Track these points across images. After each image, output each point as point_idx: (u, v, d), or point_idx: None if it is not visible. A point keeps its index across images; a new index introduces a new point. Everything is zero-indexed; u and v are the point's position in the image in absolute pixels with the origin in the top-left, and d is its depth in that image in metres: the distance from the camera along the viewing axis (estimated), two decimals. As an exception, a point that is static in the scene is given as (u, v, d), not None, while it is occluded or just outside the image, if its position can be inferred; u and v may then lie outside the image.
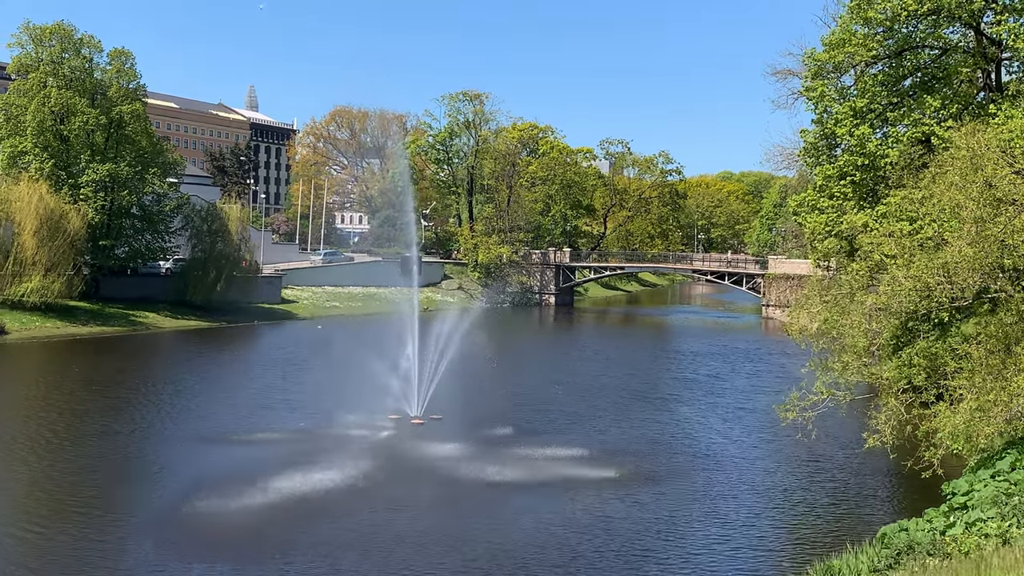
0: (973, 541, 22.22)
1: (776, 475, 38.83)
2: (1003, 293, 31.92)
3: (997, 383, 28.41)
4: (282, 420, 47.03)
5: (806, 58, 50.01)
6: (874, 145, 45.39)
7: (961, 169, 31.42)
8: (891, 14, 43.87)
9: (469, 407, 49.39)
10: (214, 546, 28.32)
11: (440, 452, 40.28)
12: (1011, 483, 26.27)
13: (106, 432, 43.02)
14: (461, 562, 27.23)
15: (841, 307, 38.70)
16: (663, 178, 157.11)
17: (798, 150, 61.95)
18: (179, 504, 31.98)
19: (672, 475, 38.03)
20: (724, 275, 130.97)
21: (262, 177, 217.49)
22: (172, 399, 52.21)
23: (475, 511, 32.52)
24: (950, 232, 32.41)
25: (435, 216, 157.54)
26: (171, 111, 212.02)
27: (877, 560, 23.30)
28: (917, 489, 33.79)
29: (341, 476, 35.87)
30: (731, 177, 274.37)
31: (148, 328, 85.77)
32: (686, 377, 66.69)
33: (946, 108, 44.73)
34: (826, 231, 47.81)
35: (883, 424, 32.29)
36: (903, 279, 31.97)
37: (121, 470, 37.40)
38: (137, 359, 69.75)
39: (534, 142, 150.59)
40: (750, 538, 30.61)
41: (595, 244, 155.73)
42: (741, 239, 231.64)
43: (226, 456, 39.42)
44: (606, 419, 49.13)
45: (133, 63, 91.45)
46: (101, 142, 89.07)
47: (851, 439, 38.65)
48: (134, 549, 27.74)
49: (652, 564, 27.74)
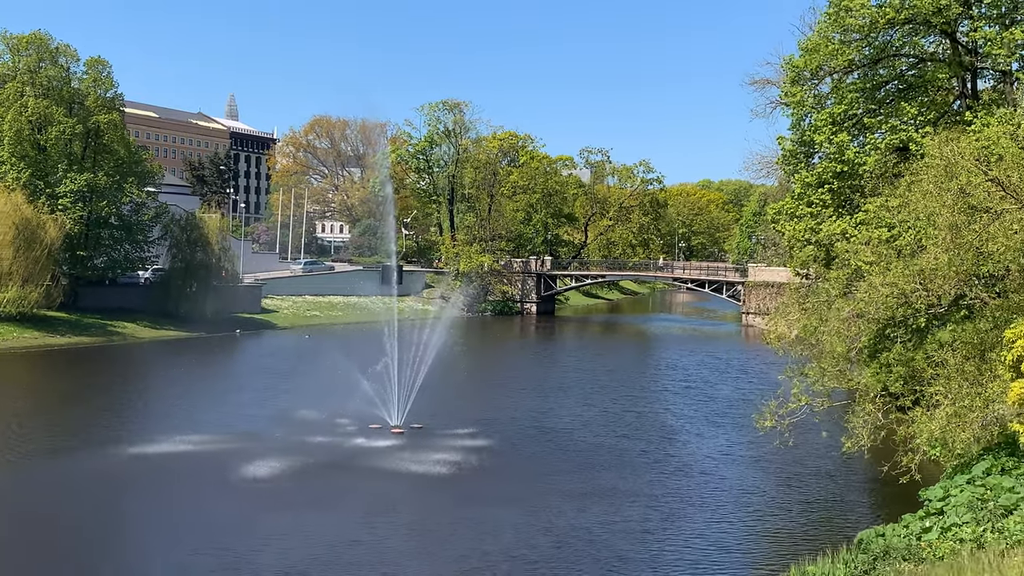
0: (948, 546, 22.32)
1: (754, 481, 38.87)
2: (978, 300, 32.16)
3: (973, 389, 28.59)
4: (256, 429, 46.59)
5: (784, 64, 50.31)
6: (852, 153, 45.65)
7: (936, 177, 31.64)
8: (868, 21, 44.15)
9: (449, 416, 49.37)
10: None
11: (419, 461, 40.16)
12: (986, 488, 26.40)
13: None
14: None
15: (819, 314, 38.94)
16: (644, 187, 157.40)
17: (777, 158, 62.27)
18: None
19: (650, 483, 38.00)
20: (704, 283, 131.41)
21: (242, 186, 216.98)
22: (140, 411, 51.56)
23: (453, 522, 32.38)
24: (927, 239, 32.62)
25: (416, 225, 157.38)
26: (150, 120, 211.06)
27: (854, 565, 23.36)
28: (895, 494, 33.92)
29: (317, 486, 35.72)
30: (711, 185, 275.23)
31: (126, 339, 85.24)
32: (665, 386, 66.77)
33: (923, 115, 45.06)
34: (805, 239, 47.99)
35: (860, 430, 32.46)
36: (880, 286, 32.17)
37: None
38: (110, 371, 69.24)
39: (514, 151, 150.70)
40: (728, 545, 30.63)
41: (576, 253, 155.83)
42: (721, 247, 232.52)
43: (184, 478, 38.26)
44: (584, 427, 49.08)
45: (110, 72, 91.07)
46: (79, 152, 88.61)
47: (829, 445, 38.75)
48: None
49: (628, 571, 27.73)
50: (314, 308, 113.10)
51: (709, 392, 62.65)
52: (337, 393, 49.40)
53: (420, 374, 48.73)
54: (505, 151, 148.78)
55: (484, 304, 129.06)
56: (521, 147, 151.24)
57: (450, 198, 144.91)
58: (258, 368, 73.14)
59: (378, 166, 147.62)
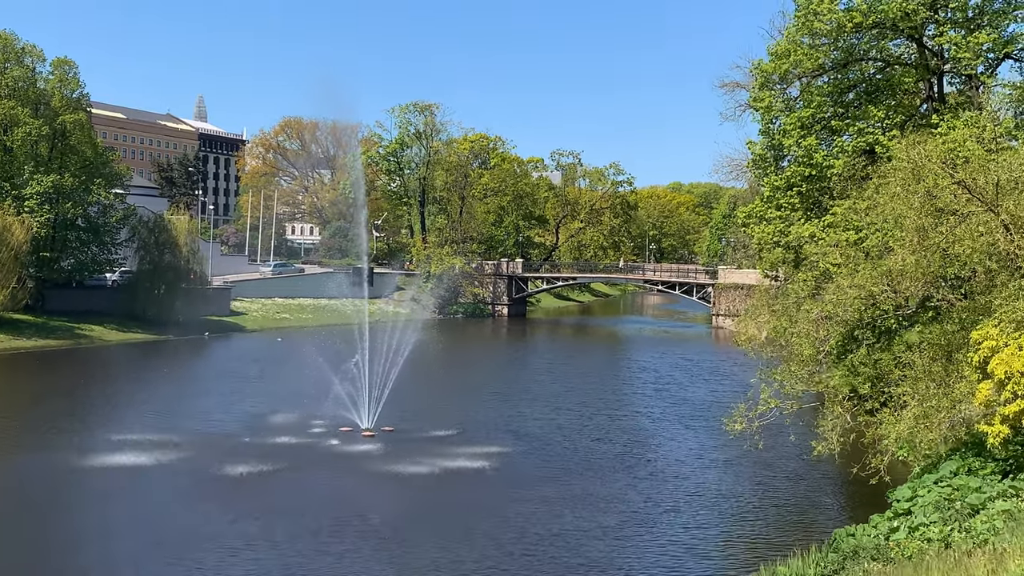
0: (916, 545, 22.52)
1: (724, 483, 38.99)
2: (945, 302, 32.46)
3: (940, 390, 28.84)
4: (224, 432, 46.26)
5: (753, 69, 50.54)
6: (821, 156, 45.98)
7: (903, 180, 31.89)
8: (836, 25, 44.52)
9: (420, 418, 49.28)
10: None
11: (389, 465, 40.01)
12: (953, 488, 26.65)
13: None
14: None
15: (788, 316, 39.18)
16: (614, 189, 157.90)
17: (746, 161, 62.67)
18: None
19: (623, 487, 38.07)
20: (675, 285, 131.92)
21: (211, 188, 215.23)
22: (105, 415, 50.75)
23: (423, 527, 32.25)
24: (894, 241, 32.89)
25: (387, 227, 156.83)
26: (117, 121, 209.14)
27: (824, 565, 23.52)
28: (864, 495, 34.17)
29: (286, 491, 35.50)
30: (681, 188, 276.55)
31: (94, 341, 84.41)
32: (637, 388, 66.95)
33: (890, 119, 45.48)
34: (774, 241, 48.29)
35: (830, 432, 32.67)
36: (848, 288, 32.40)
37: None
38: (77, 374, 68.38)
39: (486, 153, 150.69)
40: (698, 546, 30.72)
41: (547, 255, 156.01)
42: (691, 250, 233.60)
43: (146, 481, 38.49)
44: (557, 430, 49.10)
45: (76, 72, 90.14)
46: (45, 153, 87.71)
47: (800, 447, 38.98)
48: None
49: (592, 570, 27.78)
50: (284, 311, 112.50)
51: (680, 394, 62.84)
52: (308, 396, 49.19)
53: (391, 377, 48.62)
54: (476, 153, 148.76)
55: (455, 306, 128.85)
56: (492, 149, 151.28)
57: (421, 200, 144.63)
58: (227, 371, 72.62)
59: (349, 168, 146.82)
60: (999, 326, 24.80)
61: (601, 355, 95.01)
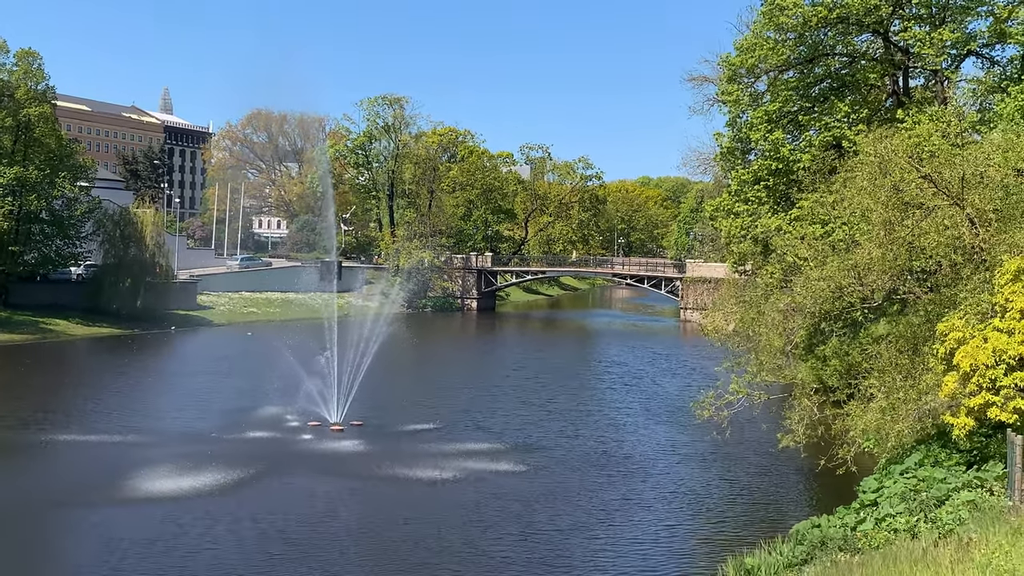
0: (883, 536, 22.73)
1: (691, 475, 39.19)
2: (911, 294, 32.78)
3: (906, 382, 29.12)
4: (192, 428, 45.92)
5: (721, 62, 50.82)
6: (788, 150, 46.28)
7: (870, 174, 32.16)
8: (802, 20, 44.80)
9: (389, 413, 49.18)
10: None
11: (359, 460, 39.91)
12: (919, 479, 26.91)
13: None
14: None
15: (756, 307, 39.42)
16: (583, 183, 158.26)
17: (714, 155, 62.98)
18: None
19: (587, 477, 38.18)
20: (643, 279, 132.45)
21: (177, 181, 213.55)
22: (71, 410, 50.39)
23: (393, 523, 32.16)
24: (860, 235, 33.17)
25: (355, 221, 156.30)
26: (82, 114, 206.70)
27: (792, 556, 23.69)
28: (831, 487, 34.42)
29: (254, 485, 35.30)
30: (650, 182, 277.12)
31: (59, 336, 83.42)
32: (603, 381, 67.11)
33: (856, 113, 45.83)
34: (741, 234, 48.59)
35: (796, 424, 32.94)
36: (816, 280, 32.64)
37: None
38: (42, 369, 67.64)
39: (454, 146, 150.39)
40: (666, 539, 30.88)
41: (516, 249, 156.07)
42: (660, 243, 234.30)
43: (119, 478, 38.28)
44: (524, 422, 49.14)
45: (41, 64, 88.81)
46: (9, 145, 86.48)
47: (767, 440, 39.23)
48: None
49: (562, 565, 27.80)
50: (251, 304, 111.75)
51: (648, 388, 63.05)
52: (277, 391, 48.93)
53: (360, 371, 48.48)
54: (445, 147, 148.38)
55: (424, 300, 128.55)
56: (461, 143, 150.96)
57: (390, 194, 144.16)
58: (195, 366, 72.08)
59: (316, 161, 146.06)
60: (964, 318, 25.06)
61: (570, 349, 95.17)
